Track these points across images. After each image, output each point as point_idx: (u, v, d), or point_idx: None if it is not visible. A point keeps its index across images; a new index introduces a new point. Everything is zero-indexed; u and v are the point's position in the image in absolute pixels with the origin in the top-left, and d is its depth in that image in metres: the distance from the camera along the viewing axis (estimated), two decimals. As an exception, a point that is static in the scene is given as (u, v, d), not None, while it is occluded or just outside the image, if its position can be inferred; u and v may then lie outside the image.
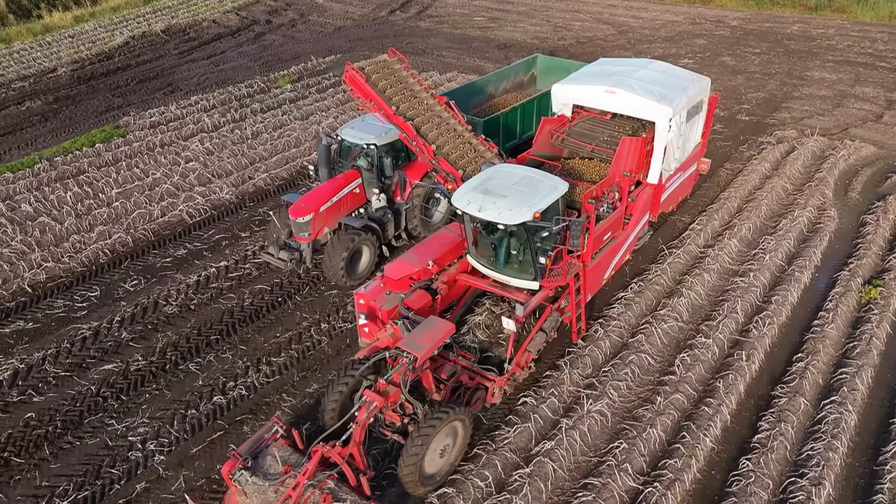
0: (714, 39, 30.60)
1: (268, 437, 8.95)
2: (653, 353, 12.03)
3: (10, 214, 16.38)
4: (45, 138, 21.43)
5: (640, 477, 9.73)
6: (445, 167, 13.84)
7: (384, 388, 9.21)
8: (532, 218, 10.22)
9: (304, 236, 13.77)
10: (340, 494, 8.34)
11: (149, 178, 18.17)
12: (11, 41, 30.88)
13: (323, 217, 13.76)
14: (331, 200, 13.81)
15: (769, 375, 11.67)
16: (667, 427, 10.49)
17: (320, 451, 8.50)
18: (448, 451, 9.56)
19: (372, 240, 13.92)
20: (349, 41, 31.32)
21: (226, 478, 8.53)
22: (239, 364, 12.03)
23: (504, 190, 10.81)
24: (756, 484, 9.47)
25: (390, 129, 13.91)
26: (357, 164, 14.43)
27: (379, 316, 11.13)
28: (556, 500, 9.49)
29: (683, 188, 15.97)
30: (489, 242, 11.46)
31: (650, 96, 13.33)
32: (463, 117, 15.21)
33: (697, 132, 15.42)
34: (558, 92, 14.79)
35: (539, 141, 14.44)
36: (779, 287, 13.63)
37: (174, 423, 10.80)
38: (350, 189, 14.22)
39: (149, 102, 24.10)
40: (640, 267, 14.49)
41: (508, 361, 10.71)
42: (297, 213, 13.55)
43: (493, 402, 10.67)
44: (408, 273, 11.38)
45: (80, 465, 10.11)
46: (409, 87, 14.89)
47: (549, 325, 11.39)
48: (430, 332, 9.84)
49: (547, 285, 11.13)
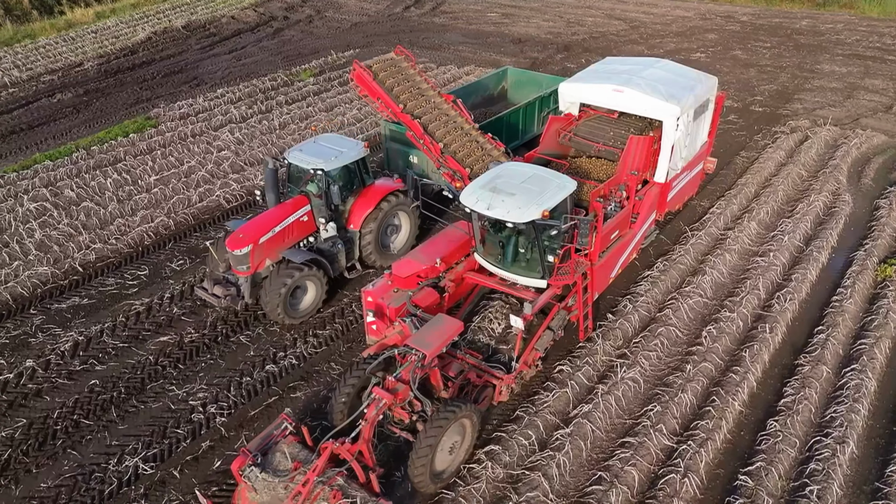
0: (725, 34, 31.19)
1: (277, 433, 8.95)
2: (680, 326, 12.64)
3: (54, 200, 17.01)
4: (79, 129, 22.08)
5: (673, 437, 10.35)
6: (453, 165, 13.78)
7: (393, 385, 9.20)
8: (541, 216, 10.17)
9: (243, 270, 12.42)
10: (350, 491, 8.32)
11: (184, 166, 18.80)
12: (36, 36, 31.53)
13: (264, 248, 12.45)
14: (272, 230, 12.52)
15: (791, 346, 12.28)
16: (697, 392, 11.11)
17: (330, 448, 8.47)
18: (457, 448, 9.59)
19: (318, 274, 12.68)
20: (366, 36, 31.95)
21: (235, 474, 8.59)
22: (287, 336, 12.66)
23: (512, 188, 10.75)
24: (784, 442, 10.08)
25: (342, 152, 12.99)
26: (305, 190, 13.22)
27: (387, 313, 11.12)
28: (596, 457, 10.11)
29: (690, 187, 15.98)
30: (497, 241, 11.36)
31: (658, 95, 13.29)
32: (470, 115, 15.19)
33: (704, 131, 15.40)
34: (565, 90, 14.70)
35: (546, 139, 14.42)
36: (798, 266, 14.23)
37: (231, 389, 11.44)
38: (297, 217, 12.94)
39: (176, 95, 24.74)
40: (663, 248, 15.10)
41: (516, 359, 10.70)
42: (234, 244, 12.21)
43: (501, 399, 10.70)
44: (415, 271, 11.33)
45: (146, 426, 10.76)
46: (416, 86, 14.99)
47: (556, 324, 11.41)
48: (438, 330, 9.85)
49: (555, 284, 11.06)
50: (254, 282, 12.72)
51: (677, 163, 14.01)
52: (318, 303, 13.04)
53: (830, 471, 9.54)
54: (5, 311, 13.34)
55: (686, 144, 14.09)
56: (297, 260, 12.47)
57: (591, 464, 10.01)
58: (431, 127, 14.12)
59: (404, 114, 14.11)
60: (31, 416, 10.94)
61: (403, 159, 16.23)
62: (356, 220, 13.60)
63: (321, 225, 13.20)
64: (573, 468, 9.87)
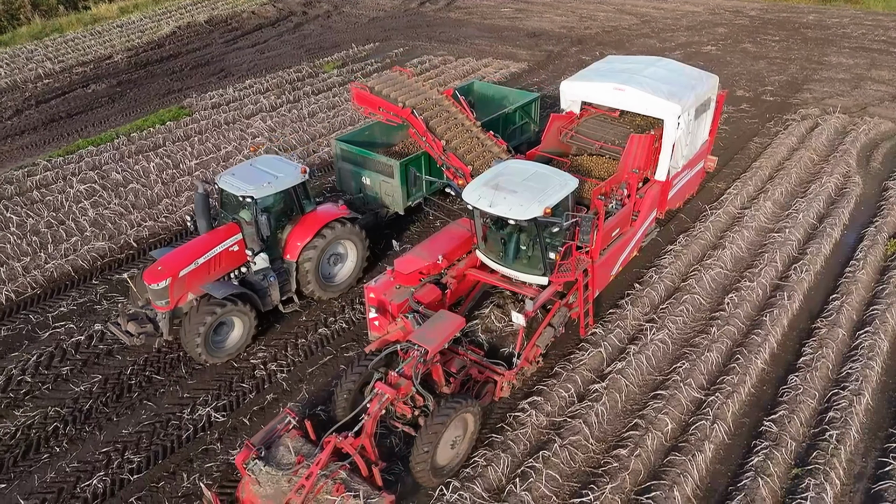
0: (734, 28, 32.01)
1: (280, 427, 9.11)
2: (703, 294, 13.48)
3: (101, 182, 17.89)
4: (116, 117, 22.95)
5: (701, 390, 11.21)
6: (455, 163, 13.78)
7: (396, 380, 9.24)
8: (542, 213, 10.21)
9: (162, 304, 11.49)
10: (353, 485, 8.43)
11: (221, 151, 19.66)
12: (64, 30, 32.46)
13: (185, 282, 11.53)
14: (195, 262, 11.57)
15: (808, 312, 13.11)
16: (722, 352, 11.96)
17: (333, 442, 8.59)
18: (458, 442, 9.68)
19: (244, 309, 11.75)
20: (384, 31, 32.80)
21: (240, 467, 8.75)
22: (335, 304, 13.52)
23: (514, 185, 10.79)
24: (804, 395, 10.93)
25: (277, 177, 12.09)
26: (237, 218, 12.19)
27: (389, 310, 11.20)
28: (631, 408, 10.97)
29: (690, 185, 16.12)
30: (499, 238, 11.43)
31: (659, 94, 13.36)
32: (472, 113, 15.19)
33: (705, 130, 15.47)
34: (567, 89, 14.72)
35: (548, 137, 14.48)
36: (812, 241, 15.07)
37: (287, 349, 12.32)
38: (226, 246, 11.97)
39: (205, 86, 25.61)
40: (684, 225, 15.94)
41: (517, 356, 10.80)
42: (151, 277, 11.33)
43: (502, 395, 10.80)
44: (417, 268, 11.35)
45: (213, 381, 11.64)
46: (415, 89, 15.00)
47: (557, 321, 11.51)
48: (440, 326, 9.93)
49: (556, 281, 11.10)
50: (175, 317, 11.79)
51: (678, 161, 14.08)
52: (246, 339, 12.06)
53: (848, 418, 10.39)
54: (69, 281, 14.23)
55: (687, 143, 14.15)
56: (219, 295, 11.41)
57: (627, 413, 10.88)
58: (433, 123, 14.00)
59: (405, 109, 14.01)
60: (106, 372, 11.84)
61: (356, 180, 15.53)
62: (293, 250, 12.63)
63: (249, 257, 12.21)
64: (610, 417, 10.74)
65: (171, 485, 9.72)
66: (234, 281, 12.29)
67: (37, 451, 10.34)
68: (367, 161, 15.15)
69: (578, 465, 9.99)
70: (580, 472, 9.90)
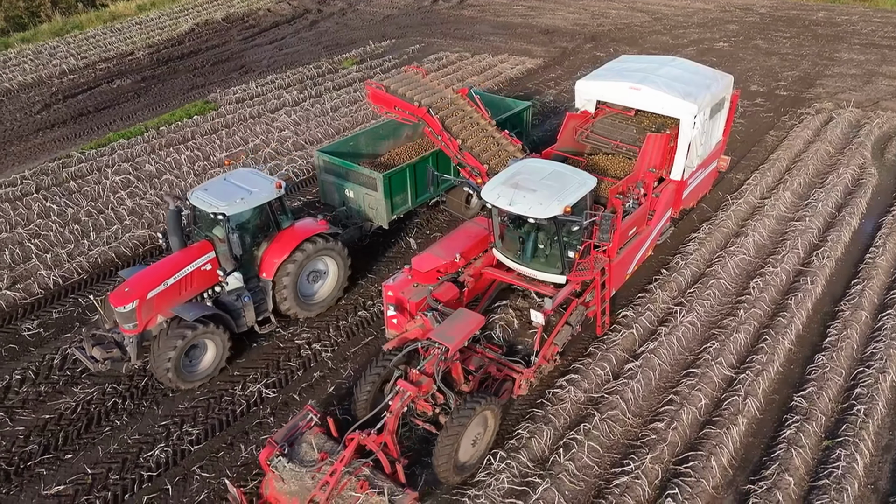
0: (745, 25, 32.44)
1: (302, 424, 9.19)
2: (728, 279, 13.92)
3: (136, 173, 18.34)
4: (143, 112, 23.40)
5: (732, 368, 11.65)
6: (471, 162, 13.77)
7: (417, 377, 9.30)
8: (563, 212, 10.23)
9: (130, 328, 10.95)
10: (376, 481, 8.48)
11: (250, 144, 20.12)
12: (84, 27, 32.90)
13: (153, 304, 10.99)
14: (164, 283, 11.03)
15: (831, 297, 13.55)
16: (749, 333, 12.40)
17: (357, 439, 8.63)
18: (479, 439, 9.76)
19: (217, 332, 11.19)
20: (400, 28, 33.24)
21: (263, 464, 8.84)
22: (372, 289, 13.97)
23: (533, 184, 10.83)
24: (830, 373, 11.37)
25: (251, 193, 11.58)
26: (209, 235, 11.78)
27: (407, 308, 11.21)
28: (664, 385, 11.42)
29: (704, 185, 16.10)
30: (516, 236, 11.44)
31: (675, 93, 13.40)
32: (487, 112, 15.16)
33: (719, 129, 15.54)
34: (582, 88, 14.79)
35: (563, 136, 14.57)
36: (832, 229, 15.51)
37: (330, 331, 12.78)
38: (198, 266, 11.44)
39: (228, 81, 26.05)
40: (706, 214, 16.38)
41: (535, 354, 10.84)
42: (118, 300, 10.76)
43: (521, 393, 10.78)
44: (435, 266, 11.39)
45: (261, 360, 12.12)
46: (430, 88, 14.99)
47: (574, 319, 11.56)
48: (460, 324, 10.01)
49: (574, 279, 11.16)
50: (144, 340, 11.29)
51: (693, 161, 14.14)
52: (220, 362, 11.51)
53: (874, 394, 10.83)
54: (113, 266, 14.67)
55: (702, 142, 14.21)
56: (190, 317, 10.88)
57: (661, 390, 11.33)
58: (448, 122, 14.01)
59: (421, 109, 14.05)
60: (157, 352, 12.27)
61: (339, 193, 15.04)
62: (269, 268, 12.09)
63: (221, 277, 11.70)
64: (645, 393, 11.18)
65: (230, 455, 10.18)
66: (208, 301, 11.76)
67: (98, 425, 10.80)
68: (349, 173, 14.61)
69: (617, 438, 10.44)
70: (619, 445, 10.36)
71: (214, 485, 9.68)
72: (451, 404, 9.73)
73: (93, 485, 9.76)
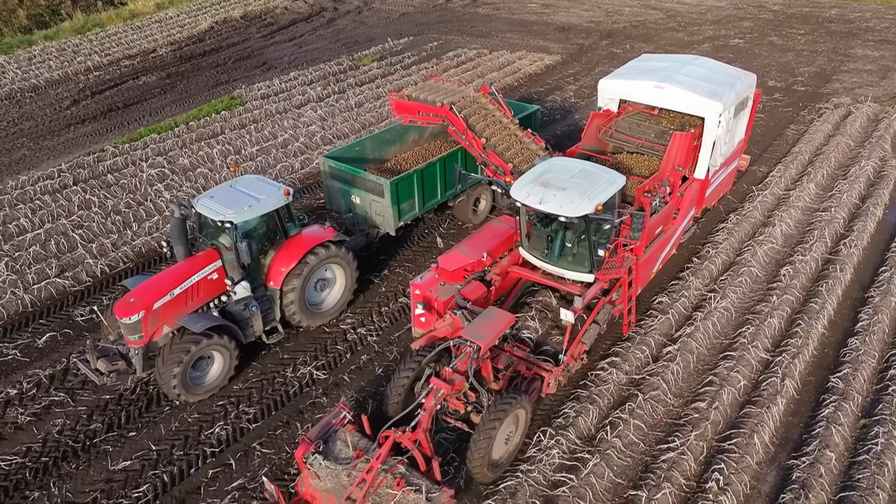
0: (759, 22, 32.77)
1: (336, 422, 9.22)
2: (759, 267, 14.26)
3: (170, 167, 18.72)
4: (171, 107, 23.79)
5: (767, 352, 11.99)
6: (495, 160, 13.81)
7: (450, 376, 9.33)
8: (594, 210, 10.31)
9: (135, 339, 10.66)
10: (412, 479, 8.52)
11: (279, 139, 20.48)
12: (105, 25, 33.31)
13: (159, 315, 10.73)
14: (171, 293, 10.78)
15: (860, 284, 13.88)
16: (783, 318, 12.74)
17: (392, 437, 8.67)
18: (512, 437, 9.81)
19: (224, 342, 10.97)
20: (416, 25, 33.61)
21: (299, 462, 8.86)
22: (410, 276, 14.32)
23: (563, 183, 10.86)
24: (864, 355, 11.70)
25: (258, 200, 11.32)
26: (216, 243, 11.55)
27: (434, 306, 11.18)
28: (703, 368, 11.76)
29: (726, 184, 16.18)
30: (544, 235, 11.46)
31: (700, 92, 13.47)
32: (509, 110, 15.16)
33: (742, 128, 15.60)
34: (605, 87, 14.83)
35: (587, 135, 14.66)
36: (857, 220, 15.84)
37: (373, 316, 13.14)
38: (204, 275, 11.18)
39: (251, 78, 26.43)
40: (732, 206, 16.72)
41: (564, 352, 10.90)
42: (122, 311, 10.46)
43: (549, 392, 10.84)
44: (462, 265, 11.42)
45: (309, 344, 12.49)
46: (451, 91, 15.03)
47: (601, 318, 11.61)
48: (490, 323, 10.05)
49: (602, 278, 11.20)
50: (150, 351, 10.97)
51: (717, 159, 14.19)
52: (227, 373, 11.27)
53: (908, 376, 11.18)
54: (157, 256, 15.03)
55: (726, 141, 14.29)
56: (197, 329, 10.63)
57: (700, 372, 11.68)
58: (472, 121, 14.04)
59: (443, 108, 14.08)
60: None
61: (345, 199, 14.78)
62: (276, 276, 11.86)
63: (228, 286, 11.41)
64: (684, 375, 11.53)
65: (287, 432, 10.55)
66: (214, 311, 11.54)
67: (158, 405, 11.16)
68: (356, 179, 14.35)
69: (660, 417, 10.79)
70: (663, 423, 10.71)
71: (275, 460, 10.06)
72: (483, 402, 9.82)
73: (158, 460, 10.13)
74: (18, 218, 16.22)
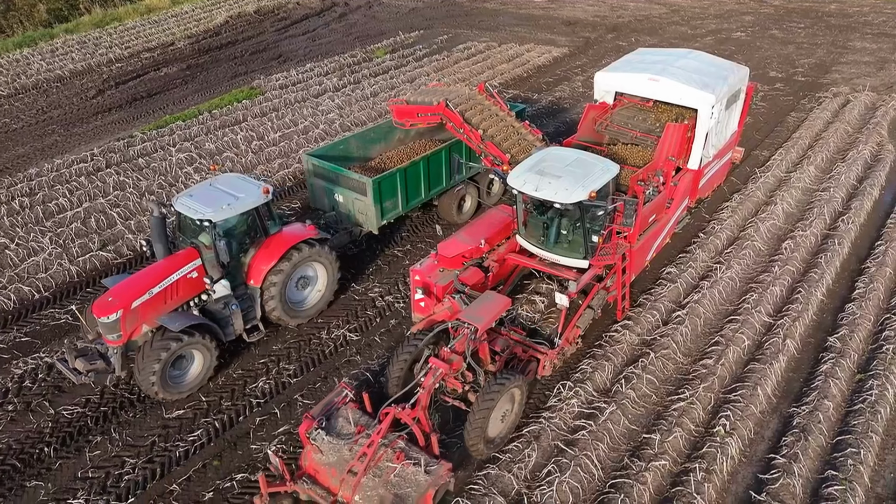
0: (760, 16, 33.62)
1: (338, 400, 9.53)
2: (761, 242, 15.09)
3: (197, 151, 19.56)
4: (193, 97, 24.64)
5: (769, 317, 12.83)
6: (493, 151, 14.02)
7: (448, 356, 9.67)
8: (588, 197, 10.58)
9: (113, 339, 10.62)
10: (412, 453, 8.86)
11: (299, 126, 21.31)
12: (123, 20, 34.18)
13: (138, 313, 10.67)
14: (149, 292, 10.73)
15: (857, 257, 14.72)
16: (784, 286, 13.58)
17: (392, 413, 9.01)
18: (507, 415, 10.17)
19: (204, 341, 10.97)
20: (426, 20, 34.46)
21: (303, 437, 9.13)
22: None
23: (558, 171, 11.19)
24: (860, 319, 12.54)
25: (237, 198, 11.33)
26: (195, 242, 11.47)
27: (434, 291, 11.53)
28: (709, 330, 12.60)
29: (719, 175, 16.60)
30: (540, 222, 11.77)
31: (693, 84, 13.82)
32: (505, 104, 15.43)
33: (735, 120, 15.98)
34: (601, 79, 15.22)
35: (584, 126, 15.03)
36: (854, 199, 16.68)
37: (399, 286, 14.00)
38: (184, 273, 11.12)
39: (268, 70, 27.28)
40: (736, 186, 17.56)
41: (559, 336, 11.25)
42: (101, 310, 10.44)
43: (545, 374, 11.19)
44: (461, 251, 11.80)
45: (341, 310, 13.37)
46: (447, 91, 15.22)
47: (596, 303, 11.93)
48: (487, 306, 10.41)
49: (596, 264, 11.55)
50: (129, 350, 10.93)
51: (710, 150, 14.55)
52: (207, 372, 11.30)
53: (901, 337, 12.02)
54: (192, 232, 15.88)
55: (718, 132, 14.68)
56: (176, 327, 10.60)
57: (707, 334, 12.52)
58: (468, 115, 14.35)
59: (439, 105, 14.26)
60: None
61: (329, 197, 14.80)
62: (256, 275, 11.87)
63: (207, 285, 11.39)
64: (692, 337, 12.37)
65: (326, 386, 11.40)
66: (194, 309, 11.49)
67: (203, 363, 12.01)
68: (339, 177, 14.34)
69: (671, 373, 11.64)
70: (673, 378, 11.55)
71: (316, 410, 10.90)
72: (480, 382, 10.22)
73: (209, 409, 10.98)
74: (57, 198, 17.08)
